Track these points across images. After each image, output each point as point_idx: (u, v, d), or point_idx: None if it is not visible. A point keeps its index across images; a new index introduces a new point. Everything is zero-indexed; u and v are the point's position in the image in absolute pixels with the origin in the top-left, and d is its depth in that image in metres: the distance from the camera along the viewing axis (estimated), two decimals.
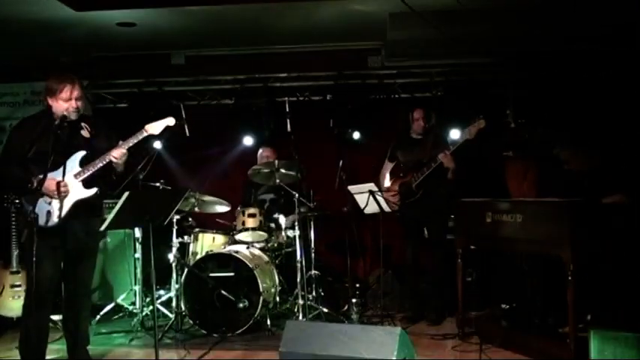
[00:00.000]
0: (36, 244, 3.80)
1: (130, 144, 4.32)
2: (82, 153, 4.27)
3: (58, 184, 4.09)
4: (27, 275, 4.23)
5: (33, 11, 5.82)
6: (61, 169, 4.08)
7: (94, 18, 6.10)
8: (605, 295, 4.61)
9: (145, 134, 4.39)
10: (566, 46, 6.53)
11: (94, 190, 4.29)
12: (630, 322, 4.06)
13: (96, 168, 4.24)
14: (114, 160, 4.26)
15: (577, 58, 6.61)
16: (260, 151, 6.93)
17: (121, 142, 4.33)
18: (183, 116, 7.32)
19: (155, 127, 4.44)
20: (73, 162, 4.23)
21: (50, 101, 4.25)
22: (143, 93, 7.45)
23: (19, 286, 5.79)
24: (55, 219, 4.14)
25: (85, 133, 4.35)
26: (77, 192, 4.23)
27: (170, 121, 4.51)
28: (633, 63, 6.31)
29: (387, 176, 6.21)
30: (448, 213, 6.08)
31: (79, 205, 4.23)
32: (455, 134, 5.75)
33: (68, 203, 4.18)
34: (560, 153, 5.23)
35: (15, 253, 5.75)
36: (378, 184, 5.98)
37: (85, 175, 4.24)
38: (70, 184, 4.17)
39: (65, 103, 4.21)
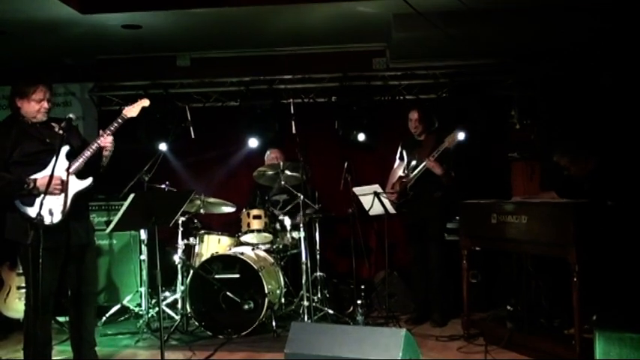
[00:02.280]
0: (43, 245, 3.80)
1: (113, 130, 4.38)
2: (65, 148, 4.26)
3: (62, 181, 4.12)
4: (29, 278, 4.21)
5: (38, 13, 5.84)
6: (55, 166, 4.04)
7: (100, 20, 6.12)
8: (610, 296, 4.60)
9: (125, 118, 4.46)
10: (570, 47, 6.52)
11: (89, 180, 4.33)
12: (636, 322, 4.05)
13: (87, 158, 4.26)
14: (107, 146, 4.33)
15: (581, 59, 6.61)
16: (268, 152, 6.93)
17: (101, 131, 4.37)
18: (189, 118, 7.34)
19: (132, 110, 4.54)
20: (61, 158, 4.20)
21: (20, 103, 4.25)
22: (148, 95, 7.46)
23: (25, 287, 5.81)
24: (59, 215, 4.14)
25: (57, 130, 4.31)
26: (74, 185, 4.24)
27: (145, 102, 4.60)
28: (637, 63, 6.31)
29: (398, 175, 6.21)
30: (445, 216, 6.09)
31: (75, 200, 4.23)
32: (460, 136, 5.75)
33: (69, 198, 4.18)
34: (560, 160, 5.23)
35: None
36: (384, 187, 5.99)
37: (77, 168, 4.24)
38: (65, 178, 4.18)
39: (37, 104, 4.23)
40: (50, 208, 4.10)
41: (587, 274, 4.24)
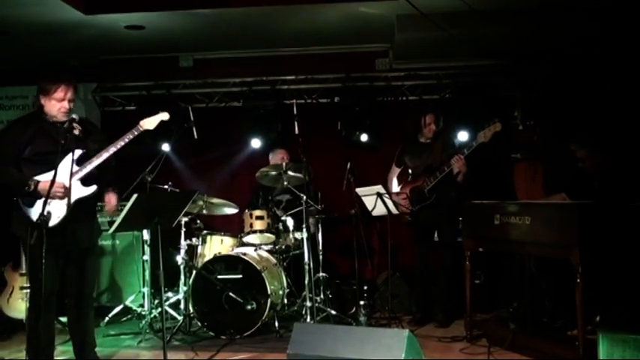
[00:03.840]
0: (45, 246, 3.80)
1: (126, 140, 4.32)
2: (77, 152, 4.25)
3: (64, 187, 4.10)
4: (31, 278, 4.23)
5: (42, 14, 5.85)
6: (61, 169, 4.06)
7: (103, 21, 6.14)
8: (614, 297, 4.59)
9: (141, 130, 4.40)
10: (574, 47, 6.51)
11: (93, 188, 4.29)
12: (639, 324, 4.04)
13: (93, 165, 4.25)
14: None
15: (585, 59, 6.59)
16: (271, 153, 6.93)
17: (111, 146, 4.31)
18: (192, 118, 7.34)
19: (150, 123, 4.45)
20: (69, 162, 4.18)
21: (43, 100, 4.24)
22: (151, 96, 7.48)
23: (28, 288, 5.80)
24: (56, 219, 4.14)
25: (77, 132, 4.32)
26: (77, 191, 4.22)
27: (164, 115, 4.52)
28: (637, 63, 6.30)
29: (395, 181, 6.20)
30: (459, 216, 6.08)
31: (78, 204, 4.22)
32: (464, 137, 5.73)
33: (70, 204, 4.16)
34: (578, 151, 5.19)
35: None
36: (386, 189, 5.98)
37: (83, 174, 4.24)
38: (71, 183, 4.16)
39: (58, 103, 4.21)
40: (49, 211, 4.08)
41: (590, 275, 4.23)
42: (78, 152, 4.26)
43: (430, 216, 5.90)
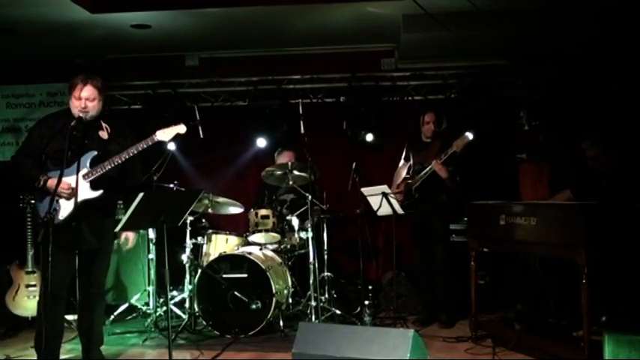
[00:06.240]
0: (51, 243, 3.81)
1: (139, 149, 4.32)
2: (93, 153, 4.27)
3: (71, 187, 4.12)
4: (41, 274, 4.26)
5: (48, 13, 5.86)
6: (73, 168, 4.09)
7: (109, 20, 6.14)
8: (619, 297, 4.58)
9: (155, 140, 4.38)
10: (578, 48, 6.50)
11: (99, 192, 4.26)
12: None
13: (104, 170, 4.24)
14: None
15: (589, 60, 6.58)
16: (277, 155, 6.92)
17: (124, 153, 4.30)
18: (197, 118, 7.34)
19: (165, 134, 4.42)
20: (84, 162, 4.22)
21: (69, 99, 4.29)
22: (157, 95, 7.50)
23: (34, 285, 5.85)
24: (59, 217, 4.16)
25: (103, 134, 4.37)
26: (84, 192, 4.22)
27: (181, 128, 4.47)
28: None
29: (404, 174, 6.21)
30: (448, 217, 6.09)
31: (86, 205, 4.21)
32: (469, 139, 5.72)
33: (73, 203, 4.16)
34: (589, 149, 5.17)
35: (30, 252, 5.81)
36: (393, 183, 6.01)
37: (93, 177, 4.24)
38: (78, 183, 4.17)
39: (77, 101, 4.23)
40: (56, 208, 4.11)
41: (596, 276, 4.22)
42: (93, 153, 4.27)
43: (417, 213, 5.93)
